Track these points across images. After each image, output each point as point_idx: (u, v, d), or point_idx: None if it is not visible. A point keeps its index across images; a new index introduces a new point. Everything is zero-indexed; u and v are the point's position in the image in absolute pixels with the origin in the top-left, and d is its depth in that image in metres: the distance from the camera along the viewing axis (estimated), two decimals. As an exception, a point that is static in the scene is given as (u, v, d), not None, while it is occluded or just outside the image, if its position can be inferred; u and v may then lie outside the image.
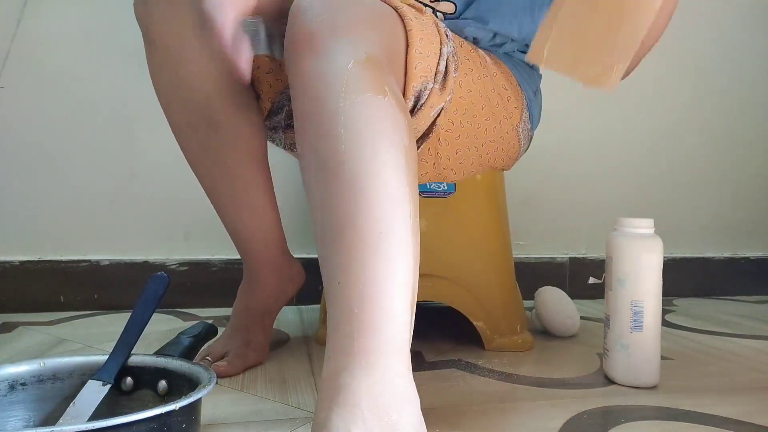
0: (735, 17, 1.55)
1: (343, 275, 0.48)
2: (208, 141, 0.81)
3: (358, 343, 0.46)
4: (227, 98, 0.80)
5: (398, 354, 0.47)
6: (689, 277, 1.53)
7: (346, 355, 0.46)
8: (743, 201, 1.59)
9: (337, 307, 0.48)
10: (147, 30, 0.78)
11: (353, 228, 0.49)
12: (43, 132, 1.23)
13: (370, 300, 0.47)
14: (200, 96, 0.79)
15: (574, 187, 1.48)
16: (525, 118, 0.91)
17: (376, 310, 0.47)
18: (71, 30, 1.24)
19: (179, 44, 0.76)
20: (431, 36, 0.68)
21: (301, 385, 0.77)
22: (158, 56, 0.79)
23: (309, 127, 0.53)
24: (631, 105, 1.50)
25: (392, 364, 0.46)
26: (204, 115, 0.80)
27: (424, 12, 0.70)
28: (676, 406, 0.70)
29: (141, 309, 0.60)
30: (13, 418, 0.55)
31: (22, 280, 1.22)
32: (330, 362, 0.47)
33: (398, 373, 0.46)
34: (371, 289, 0.47)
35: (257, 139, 0.84)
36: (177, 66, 0.78)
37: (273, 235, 0.89)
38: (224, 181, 0.84)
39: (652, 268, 0.76)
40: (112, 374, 0.56)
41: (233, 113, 0.81)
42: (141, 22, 0.78)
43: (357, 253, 0.48)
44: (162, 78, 0.80)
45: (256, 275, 0.89)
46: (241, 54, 0.59)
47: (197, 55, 0.77)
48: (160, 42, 0.77)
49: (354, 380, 0.45)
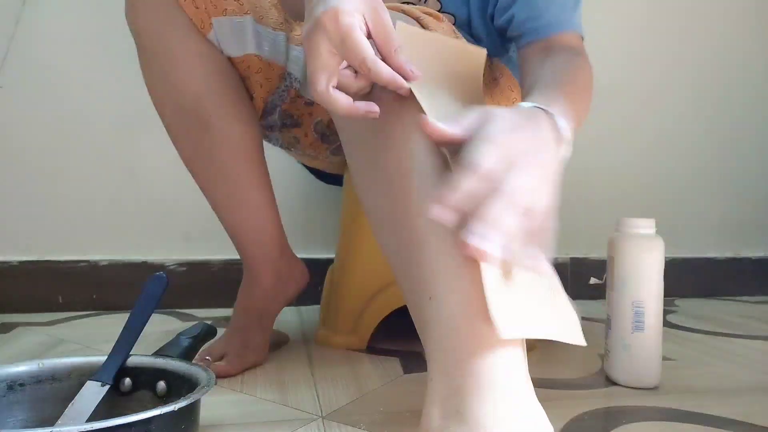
0: (737, 17, 1.55)
1: (434, 290, 0.45)
2: (200, 141, 0.82)
3: (465, 365, 0.42)
4: (217, 98, 0.80)
5: (514, 374, 0.43)
6: (691, 277, 1.53)
7: (455, 378, 0.42)
8: (745, 201, 1.59)
9: (432, 324, 0.45)
10: (136, 34, 0.79)
11: (437, 237, 0.46)
12: (41, 132, 1.23)
13: (471, 315, 0.43)
14: (190, 97, 0.79)
15: (575, 187, 1.47)
16: None
17: (480, 326, 0.43)
18: (70, 30, 1.24)
19: (167, 47, 0.77)
20: None
21: (301, 386, 0.76)
22: (148, 60, 0.80)
23: (370, 141, 0.53)
24: (632, 105, 1.50)
25: (508, 386, 0.43)
26: (195, 115, 0.80)
27: (442, 20, 0.70)
28: (678, 407, 0.69)
29: (140, 309, 0.60)
30: (12, 418, 0.55)
31: (21, 281, 1.22)
32: (435, 384, 0.44)
33: (516, 396, 0.43)
34: (470, 303, 0.43)
35: (250, 137, 0.84)
36: (166, 69, 0.79)
37: (271, 235, 0.88)
38: (219, 180, 0.84)
39: (654, 268, 0.75)
40: (110, 375, 0.56)
41: (224, 113, 0.81)
42: (131, 26, 0.79)
43: (446, 263, 0.45)
44: (153, 81, 0.81)
45: (254, 275, 0.89)
46: (340, 103, 0.57)
47: (184, 58, 0.78)
48: (149, 46, 0.78)
49: (467, 407, 0.41)
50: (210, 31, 0.78)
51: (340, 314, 0.97)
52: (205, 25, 0.78)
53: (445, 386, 0.43)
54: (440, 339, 0.44)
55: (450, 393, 0.42)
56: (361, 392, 0.74)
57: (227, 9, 0.78)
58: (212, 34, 0.78)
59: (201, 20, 0.77)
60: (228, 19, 0.78)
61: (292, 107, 0.90)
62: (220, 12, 0.77)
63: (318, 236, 1.33)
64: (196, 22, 0.77)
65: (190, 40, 0.78)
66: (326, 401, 0.70)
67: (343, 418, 0.65)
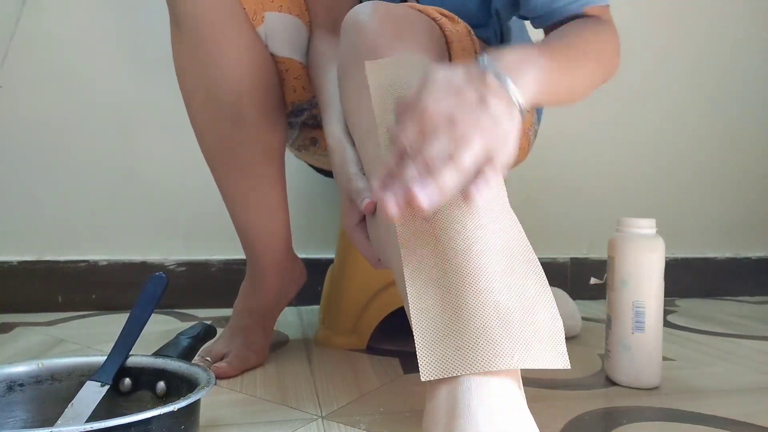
0: (736, 16, 1.55)
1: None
2: (229, 135, 0.79)
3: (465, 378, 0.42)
4: (257, 96, 0.78)
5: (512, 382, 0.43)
6: (691, 277, 1.53)
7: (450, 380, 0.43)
8: (745, 201, 1.59)
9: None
10: (181, 17, 0.73)
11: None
12: (41, 132, 1.23)
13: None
14: (229, 90, 0.76)
15: (575, 188, 1.48)
16: (534, 119, 0.90)
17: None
18: (70, 29, 1.23)
19: (214, 35, 0.73)
20: (468, 46, 0.68)
21: (301, 386, 0.76)
22: (189, 46, 0.75)
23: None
24: (633, 105, 1.50)
25: (509, 395, 0.42)
26: (231, 109, 0.77)
27: (457, 21, 0.69)
28: (678, 407, 0.69)
29: (139, 309, 0.60)
30: (12, 419, 0.55)
31: (20, 281, 1.22)
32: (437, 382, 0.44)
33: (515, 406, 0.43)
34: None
35: (278, 137, 0.83)
36: (209, 57, 0.74)
37: (281, 237, 0.87)
38: (239, 177, 0.82)
39: (654, 268, 0.75)
40: (110, 375, 0.56)
41: (260, 111, 0.79)
42: (175, 9, 0.73)
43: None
44: (189, 68, 0.77)
45: (260, 276, 0.88)
46: (368, 252, 0.59)
47: (232, 49, 0.74)
48: (193, 31, 0.73)
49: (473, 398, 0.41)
50: (261, 25, 0.76)
51: (340, 314, 0.97)
52: (257, 18, 0.75)
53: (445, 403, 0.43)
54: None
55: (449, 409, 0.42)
56: (361, 392, 0.74)
57: (282, 5, 0.76)
58: (262, 27, 0.76)
59: (254, 11, 0.75)
60: (282, 16, 0.76)
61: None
62: (275, 7, 0.75)
63: (318, 236, 1.33)
64: (249, 12, 0.74)
65: (242, 31, 0.74)
66: (326, 401, 0.70)
67: (343, 418, 0.65)
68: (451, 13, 0.69)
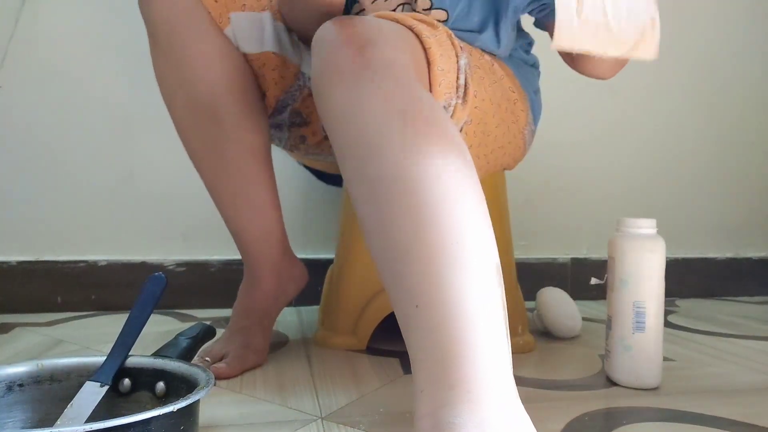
0: (738, 16, 1.55)
1: (420, 297, 0.44)
2: (211, 136, 0.81)
3: (455, 373, 0.41)
4: (232, 95, 0.79)
5: (503, 380, 0.42)
6: (691, 277, 1.53)
7: (445, 389, 0.41)
8: (745, 201, 1.59)
9: (420, 333, 0.44)
10: (151, 26, 0.76)
11: (421, 243, 0.44)
12: (40, 132, 1.23)
13: (458, 322, 0.42)
14: (204, 92, 0.78)
15: (575, 188, 1.47)
16: (530, 119, 0.90)
17: (468, 334, 0.42)
18: (69, 29, 1.23)
19: (183, 41, 0.75)
20: (449, 51, 0.68)
21: (300, 387, 0.76)
22: (162, 52, 0.78)
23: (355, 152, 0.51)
24: (633, 105, 1.50)
25: (499, 393, 0.41)
26: (208, 110, 0.79)
27: (436, 26, 0.69)
28: (678, 408, 0.69)
29: (139, 310, 0.59)
30: (11, 419, 0.55)
31: (19, 281, 1.22)
32: (425, 396, 0.42)
33: (507, 403, 0.42)
34: (457, 310, 0.42)
35: (261, 136, 0.84)
36: (181, 62, 0.77)
37: (274, 235, 0.88)
38: (225, 178, 0.83)
39: (654, 268, 0.75)
40: (109, 376, 0.56)
41: (238, 110, 0.80)
42: (146, 17, 0.77)
43: (432, 269, 0.43)
44: (166, 73, 0.79)
45: (256, 275, 0.89)
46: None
47: (201, 53, 0.76)
48: (164, 38, 0.76)
49: (459, 418, 0.39)
50: (227, 26, 0.77)
51: (339, 315, 0.96)
52: (223, 20, 0.76)
53: (435, 397, 0.41)
54: (428, 349, 0.43)
55: (440, 404, 0.41)
56: (360, 393, 0.74)
57: (246, 4, 0.77)
58: (229, 29, 0.77)
59: (219, 14, 0.76)
60: (246, 14, 0.77)
61: (303, 106, 0.90)
62: (238, 6, 0.76)
63: (318, 236, 1.33)
64: (214, 16, 0.76)
65: (208, 35, 0.76)
66: (326, 402, 0.70)
67: (342, 419, 0.65)
68: (431, 19, 0.69)
